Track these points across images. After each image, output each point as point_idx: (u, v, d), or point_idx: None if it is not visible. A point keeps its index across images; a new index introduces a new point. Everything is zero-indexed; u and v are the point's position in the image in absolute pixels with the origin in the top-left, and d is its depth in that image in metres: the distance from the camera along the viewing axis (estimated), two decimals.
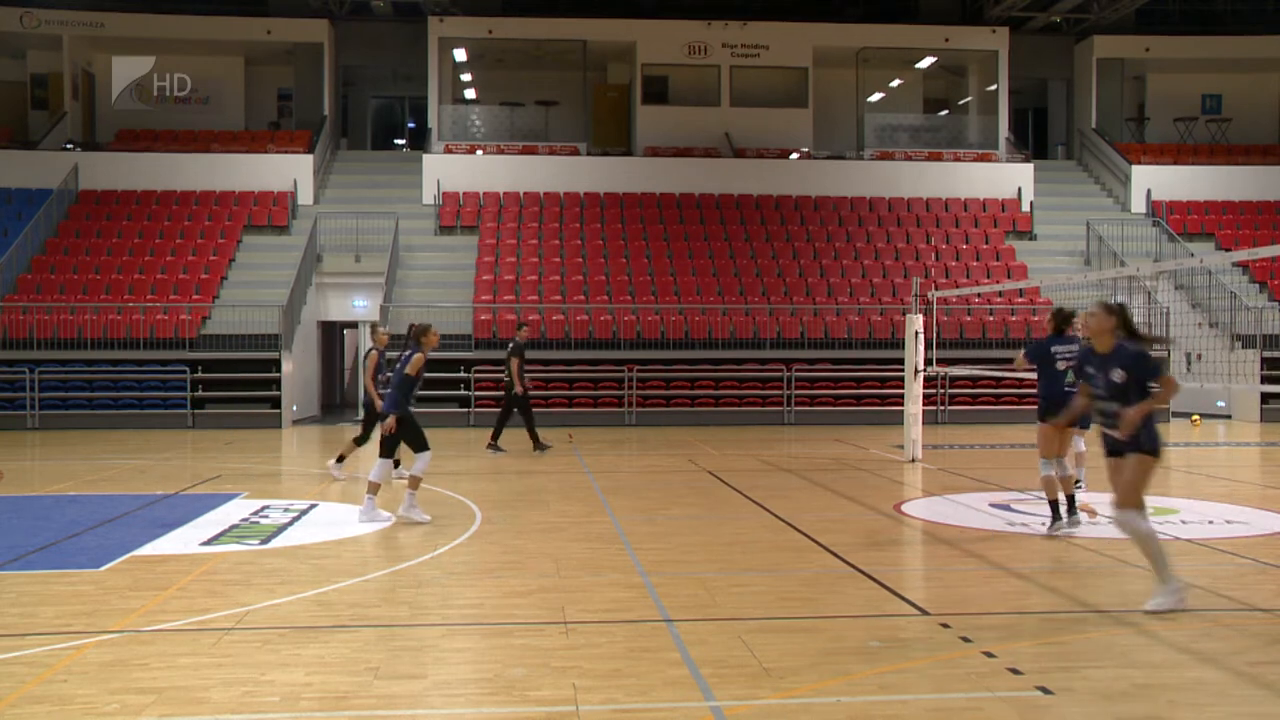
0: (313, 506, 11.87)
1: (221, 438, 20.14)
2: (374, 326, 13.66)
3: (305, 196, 28.18)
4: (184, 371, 22.48)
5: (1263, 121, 32.76)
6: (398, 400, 10.97)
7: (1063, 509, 9.92)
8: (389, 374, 12.49)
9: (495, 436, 17.74)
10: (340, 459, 14.32)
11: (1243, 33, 31.35)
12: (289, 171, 28.16)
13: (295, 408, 23.43)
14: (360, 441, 14.29)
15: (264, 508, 11.69)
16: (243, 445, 18.94)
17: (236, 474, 14.91)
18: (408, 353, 11.27)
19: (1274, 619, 7.07)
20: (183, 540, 9.83)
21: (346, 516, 11.27)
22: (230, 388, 22.77)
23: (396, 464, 12.92)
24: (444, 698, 5.65)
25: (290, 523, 10.77)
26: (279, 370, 22.70)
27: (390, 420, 10.92)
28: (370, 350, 14.43)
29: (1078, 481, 12.82)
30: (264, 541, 9.79)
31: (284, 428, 22.36)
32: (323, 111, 30.05)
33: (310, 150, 28.72)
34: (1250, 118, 32.54)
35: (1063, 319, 10.45)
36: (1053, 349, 10.16)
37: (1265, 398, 23.25)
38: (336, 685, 5.75)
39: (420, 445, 10.91)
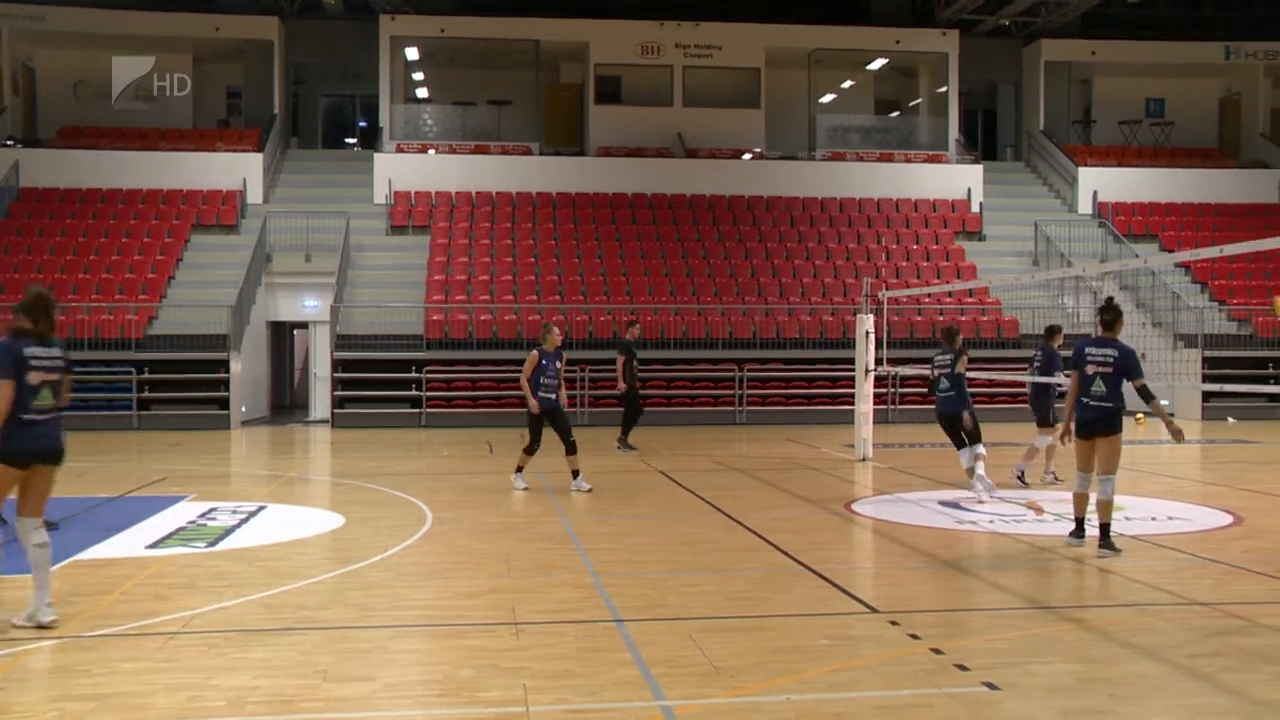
0: (261, 508, 11.75)
1: (168, 439, 19.88)
2: (548, 327, 12.86)
3: (255, 195, 27.87)
4: (130, 372, 22.16)
5: (1203, 125, 33.33)
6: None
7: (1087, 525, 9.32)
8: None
9: (624, 435, 18.02)
10: (519, 470, 13.25)
11: (1184, 38, 31.90)
12: (238, 170, 27.84)
13: (244, 408, 23.18)
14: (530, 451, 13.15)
15: (212, 510, 11.55)
16: (190, 447, 18.71)
17: (183, 476, 14.72)
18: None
19: (1212, 612, 7.20)
20: (127, 544, 9.69)
21: (296, 518, 11.18)
22: (178, 389, 22.49)
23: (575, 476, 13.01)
24: (393, 700, 5.61)
25: (238, 525, 10.65)
26: (227, 371, 22.44)
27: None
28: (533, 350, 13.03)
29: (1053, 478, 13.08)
30: (211, 544, 9.68)
31: (232, 429, 22.11)
32: (273, 110, 29.74)
33: (260, 149, 28.42)
34: (1192, 121, 33.11)
35: (1113, 313, 9.32)
36: (1087, 351, 9.28)
37: (1206, 396, 23.63)
38: (284, 688, 5.70)
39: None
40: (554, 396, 12.83)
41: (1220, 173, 31.27)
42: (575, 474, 12.92)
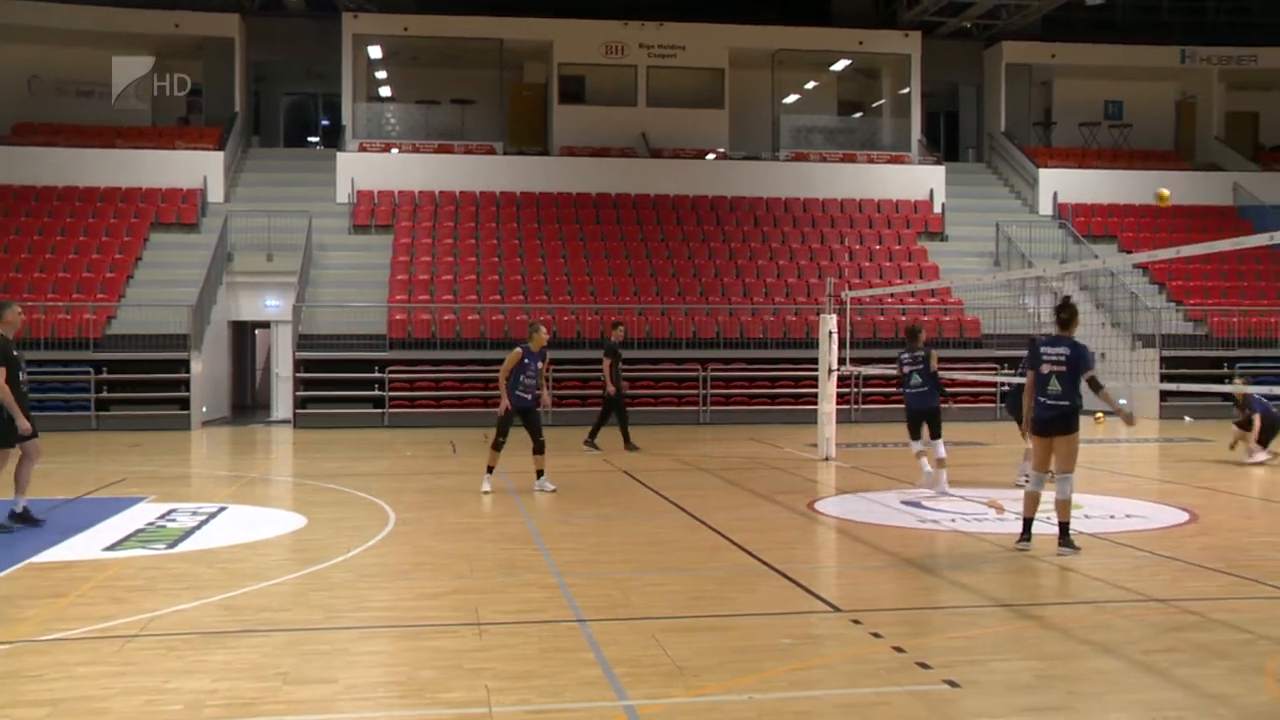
0: (222, 510, 11.64)
1: (127, 440, 19.66)
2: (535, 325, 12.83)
3: (215, 194, 27.63)
4: (88, 372, 21.90)
5: (1160, 128, 33.75)
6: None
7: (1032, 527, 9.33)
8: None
9: (592, 435, 17.93)
10: (489, 469, 13.01)
11: (1141, 42, 32.30)
12: (199, 168, 27.57)
13: (205, 409, 22.97)
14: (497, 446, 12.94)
15: (171, 511, 11.44)
16: (150, 447, 18.52)
17: (142, 477, 14.57)
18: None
19: (1168, 609, 7.29)
20: (84, 546, 9.57)
21: (257, 519, 11.09)
22: (137, 389, 22.24)
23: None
24: (354, 701, 5.58)
25: (198, 526, 10.55)
26: (188, 371, 22.23)
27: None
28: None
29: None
30: (171, 546, 9.58)
31: (193, 429, 21.91)
32: (234, 108, 29.48)
33: (221, 147, 28.17)
34: (1149, 124, 33.52)
35: (1069, 312, 9.34)
36: (1042, 350, 9.28)
37: (1163, 395, 23.92)
38: (243, 691, 5.65)
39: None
40: (530, 397, 12.77)
41: (1177, 175, 31.61)
42: (540, 474, 12.90)
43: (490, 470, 12.89)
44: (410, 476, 15.09)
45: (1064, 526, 9.14)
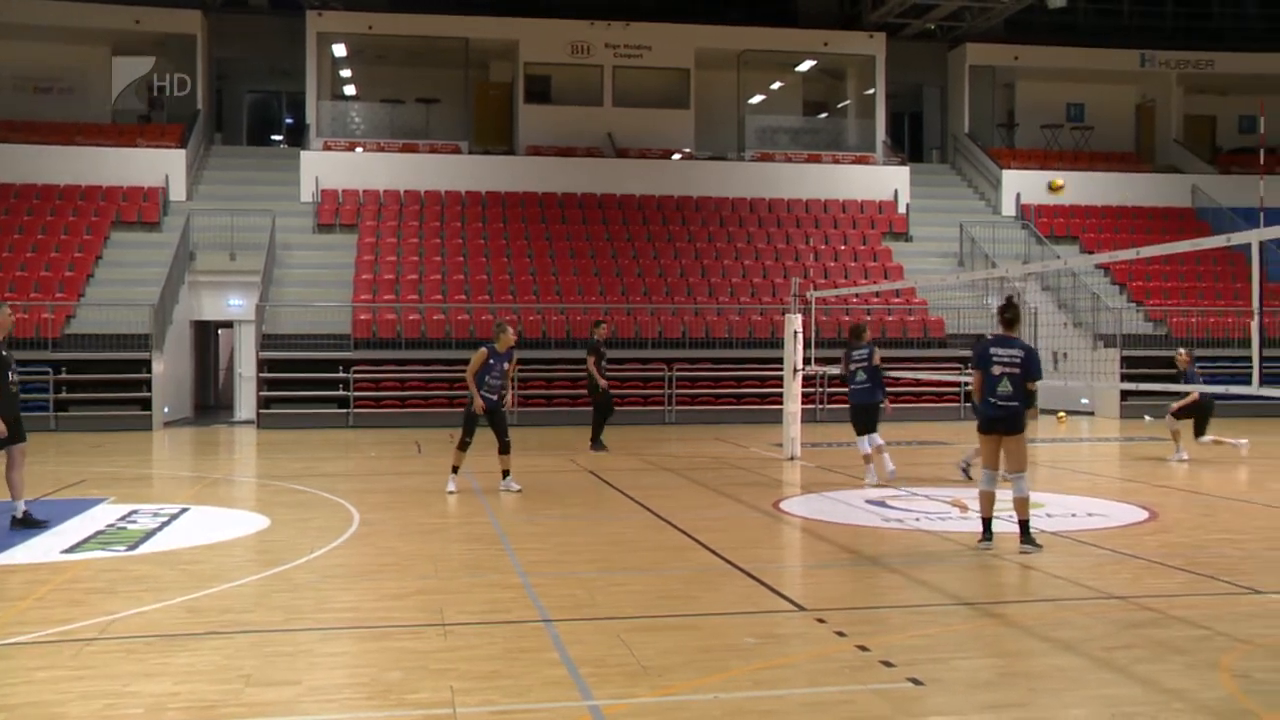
0: (184, 510, 11.54)
1: (87, 441, 19.44)
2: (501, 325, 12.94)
3: (178, 193, 27.38)
4: (46, 372, 21.63)
5: (1121, 130, 34.14)
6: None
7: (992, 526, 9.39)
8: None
9: (595, 436, 17.79)
10: (454, 469, 12.97)
11: (1102, 45, 32.66)
12: (160, 166, 27.31)
13: (167, 409, 22.76)
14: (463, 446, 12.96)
15: (132, 512, 11.32)
16: (110, 448, 18.33)
17: (103, 478, 14.42)
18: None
19: (1128, 606, 7.37)
20: (42, 548, 9.45)
21: (220, 520, 11.00)
22: (97, 389, 22.00)
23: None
24: (318, 703, 5.54)
25: (160, 528, 10.45)
26: (149, 371, 22.01)
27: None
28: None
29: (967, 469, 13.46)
30: (131, 547, 9.48)
31: (155, 430, 21.70)
32: (196, 105, 29.22)
33: (183, 145, 27.91)
34: (1110, 126, 33.90)
35: (1012, 312, 9.39)
36: (992, 351, 9.34)
37: (1124, 395, 24.18)
38: (205, 694, 5.60)
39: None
40: (495, 397, 12.76)
41: (1137, 176, 32.05)
42: (505, 474, 12.89)
43: (455, 470, 12.86)
44: (375, 477, 15.02)
45: (1024, 525, 9.22)
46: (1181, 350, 16.63)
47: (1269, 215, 27.60)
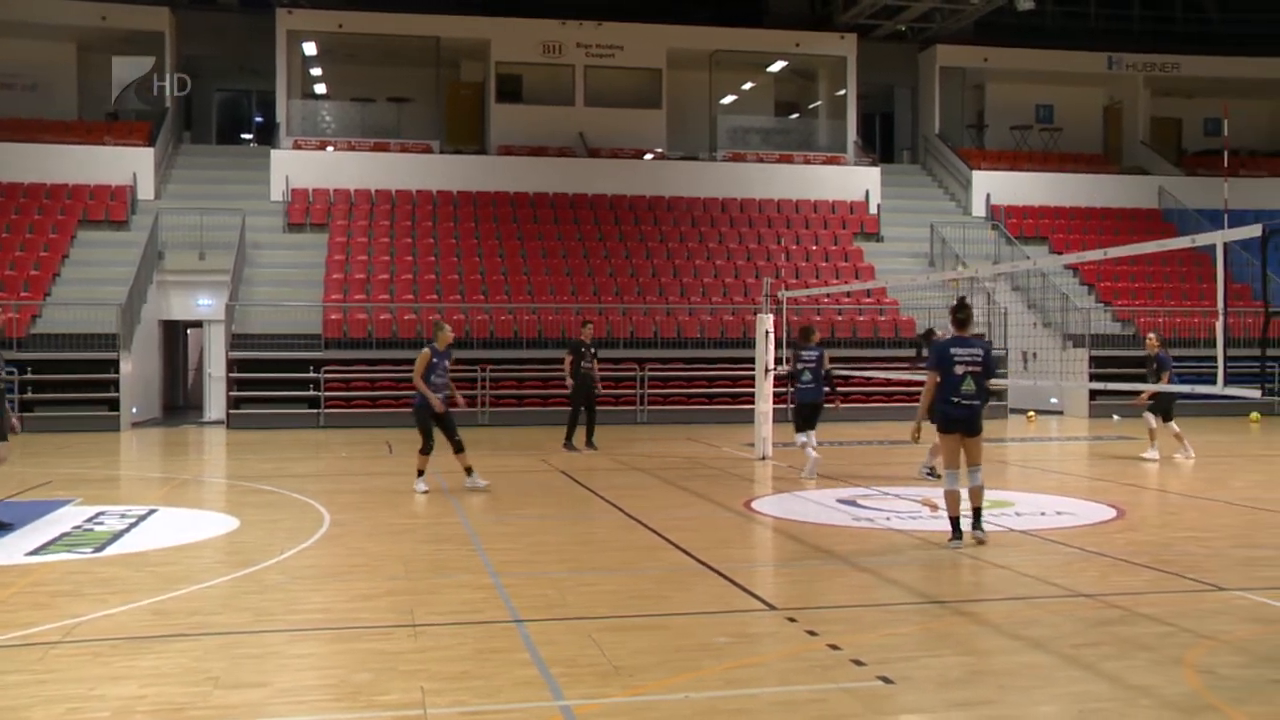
0: (152, 512, 11.44)
1: (53, 442, 19.23)
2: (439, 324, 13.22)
3: (146, 191, 27.15)
4: (12, 372, 21.34)
5: (1089, 132, 34.44)
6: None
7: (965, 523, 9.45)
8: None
9: (588, 435, 17.81)
10: (420, 473, 13.04)
11: (1071, 48, 32.93)
12: (128, 165, 27.08)
13: (135, 410, 22.56)
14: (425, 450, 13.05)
15: (99, 514, 11.22)
16: (77, 449, 18.15)
17: (69, 479, 14.27)
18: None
19: (1095, 603, 7.43)
20: (6, 551, 9.35)
21: (188, 521, 10.91)
22: (64, 389, 21.78)
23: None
24: (287, 705, 5.51)
25: (127, 529, 10.36)
26: (117, 371, 21.81)
27: None
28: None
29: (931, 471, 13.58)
30: (98, 549, 9.39)
31: (122, 430, 21.51)
32: (165, 103, 28.98)
33: (151, 143, 27.68)
34: (1078, 128, 34.19)
35: (964, 313, 9.48)
36: (953, 351, 9.39)
37: (1093, 394, 24.37)
38: (173, 697, 5.55)
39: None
40: (440, 396, 12.82)
41: (1105, 178, 32.35)
42: (469, 471, 12.91)
43: (421, 474, 12.84)
44: (345, 477, 14.94)
45: (978, 512, 9.41)
46: (1152, 335, 16.79)
47: (1233, 217, 27.93)
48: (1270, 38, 34.63)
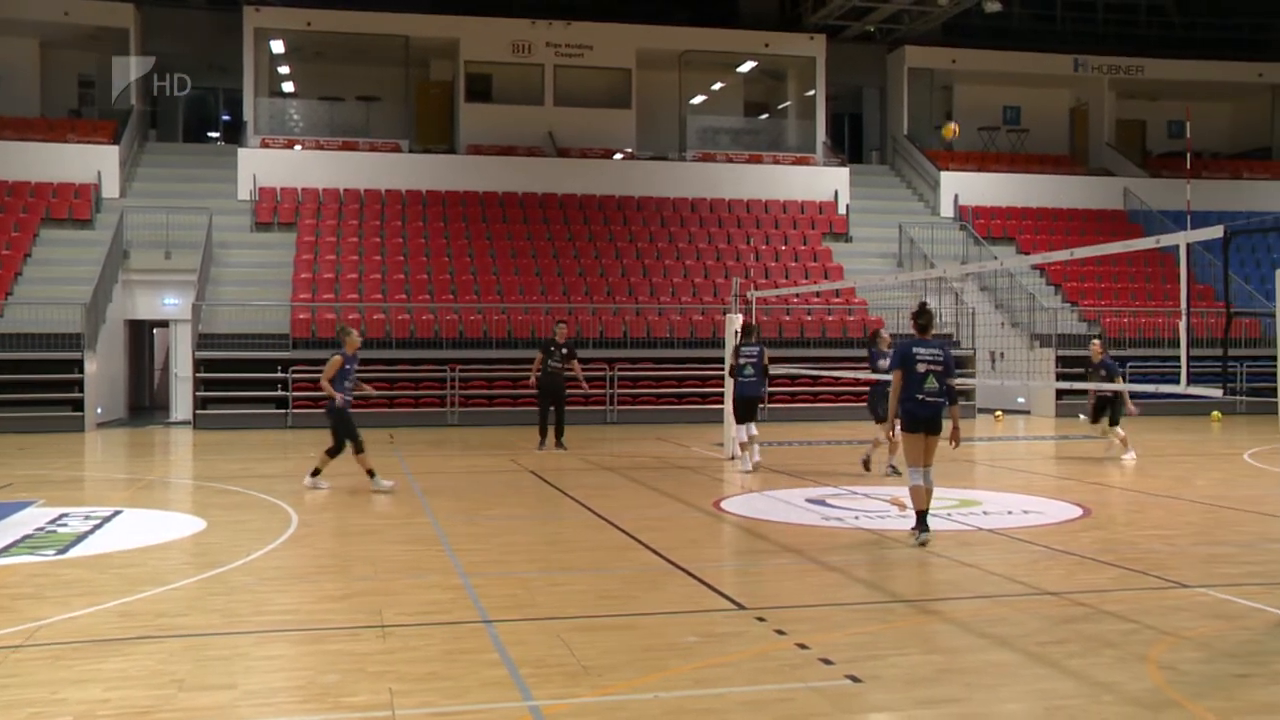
0: (117, 513, 11.33)
1: (15, 442, 19.00)
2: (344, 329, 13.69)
3: (110, 189, 26.89)
4: None
5: (1056, 133, 34.73)
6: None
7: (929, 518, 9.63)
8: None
9: (557, 435, 17.79)
10: (316, 472, 13.33)
11: (1037, 50, 33.20)
12: (92, 163, 26.81)
13: (100, 410, 22.34)
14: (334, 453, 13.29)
15: (62, 516, 11.10)
16: (40, 450, 17.95)
17: (31, 480, 14.11)
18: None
19: (1061, 601, 7.49)
20: None
21: (154, 523, 10.82)
22: (27, 389, 21.53)
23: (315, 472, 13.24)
24: (254, 708, 5.47)
25: (91, 531, 10.25)
26: (81, 371, 21.59)
27: None
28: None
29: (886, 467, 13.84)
30: (61, 551, 9.29)
31: (87, 431, 21.29)
32: (130, 101, 28.70)
33: (116, 141, 27.41)
34: (1045, 129, 34.48)
35: (925, 317, 9.79)
36: (915, 351, 9.61)
37: (1060, 394, 24.57)
38: (137, 700, 5.50)
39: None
40: (348, 399, 13.09)
41: (1071, 179, 32.63)
42: (371, 474, 12.95)
43: (373, 473, 12.92)
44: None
45: (923, 514, 9.59)
46: (1095, 341, 16.94)
47: (1196, 218, 28.26)
48: (1230, 41, 35.13)
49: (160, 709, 5.38)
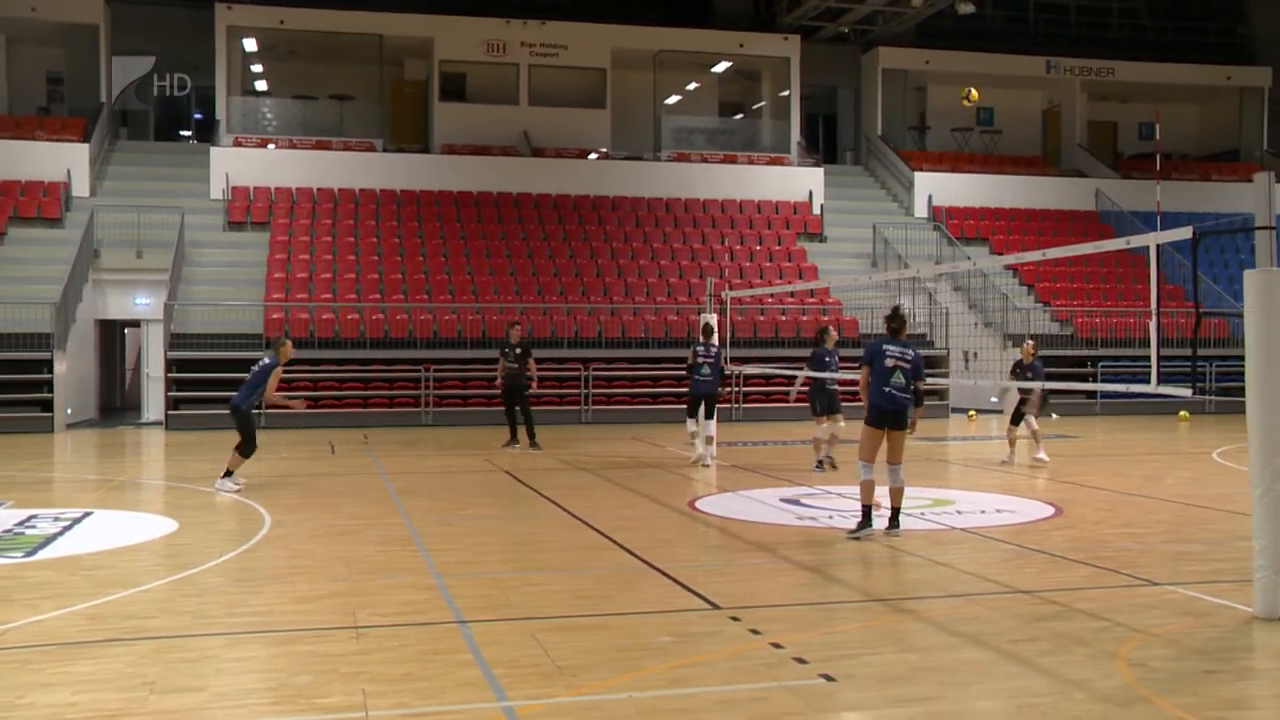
0: (87, 514, 11.24)
1: None
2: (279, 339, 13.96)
3: (81, 188, 26.65)
4: None
5: (1028, 134, 34.96)
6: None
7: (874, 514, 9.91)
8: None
9: (529, 435, 17.81)
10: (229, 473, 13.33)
11: (1010, 51, 33.40)
12: (62, 161, 26.57)
13: (70, 410, 22.14)
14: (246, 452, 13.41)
15: (31, 517, 10.99)
16: (8, 451, 17.76)
17: None
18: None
19: (1033, 600, 7.54)
20: None
21: (125, 524, 10.73)
22: None
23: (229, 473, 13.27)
24: (225, 710, 5.44)
25: (60, 533, 10.16)
26: (51, 371, 21.38)
27: None
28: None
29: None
30: (29, 553, 9.20)
31: (56, 432, 21.09)
32: (100, 98, 28.47)
33: (86, 139, 27.17)
34: (1018, 130, 34.70)
35: (898, 321, 10.14)
36: (885, 348, 9.93)
37: None
38: (107, 703, 5.46)
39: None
40: (256, 404, 13.35)
41: (1044, 180, 32.84)
42: (229, 473, 13.12)
43: (230, 473, 13.09)
44: (287, 478, 14.75)
45: (896, 512, 9.89)
46: (1029, 342, 17.02)
47: (1165, 219, 28.50)
48: (1199, 45, 35.48)
49: (130, 712, 5.34)
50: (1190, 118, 36.19)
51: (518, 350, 17.93)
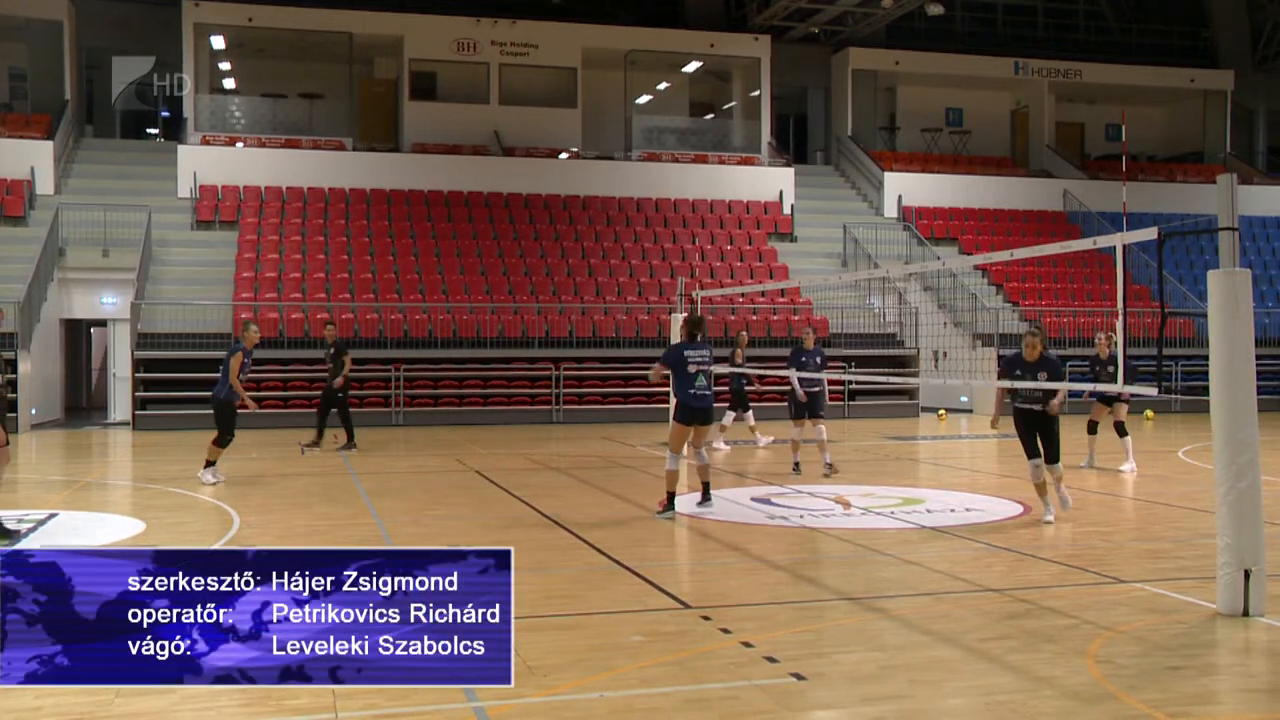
0: (52, 516, 11.12)
1: None
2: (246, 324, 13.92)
3: (45, 186, 26.35)
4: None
5: (997, 135, 35.20)
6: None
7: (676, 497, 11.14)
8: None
9: (348, 436, 17.62)
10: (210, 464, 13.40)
11: (979, 52, 33.64)
12: (25, 158, 26.26)
13: (34, 410, 21.90)
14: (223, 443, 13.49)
15: None
16: None
17: None
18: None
19: (1002, 598, 7.60)
20: None
21: (91, 525, 10.62)
22: None
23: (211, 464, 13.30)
24: (194, 712, 5.40)
25: (25, 534, 10.04)
26: (15, 371, 21.13)
27: None
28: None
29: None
30: None
31: (21, 432, 20.86)
32: (64, 95, 28.17)
33: (50, 136, 26.88)
34: (987, 131, 34.93)
35: (696, 325, 11.32)
36: (686, 354, 11.00)
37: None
38: (72, 707, 5.40)
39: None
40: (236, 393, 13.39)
41: (1013, 180, 33.07)
42: (210, 464, 13.22)
43: (211, 464, 13.18)
44: (255, 479, 14.66)
45: (706, 486, 11.22)
46: (1105, 334, 16.98)
47: (1132, 220, 28.77)
48: (1164, 48, 35.85)
49: (96, 715, 5.30)
50: (1156, 120, 36.57)
51: (332, 350, 17.90)
